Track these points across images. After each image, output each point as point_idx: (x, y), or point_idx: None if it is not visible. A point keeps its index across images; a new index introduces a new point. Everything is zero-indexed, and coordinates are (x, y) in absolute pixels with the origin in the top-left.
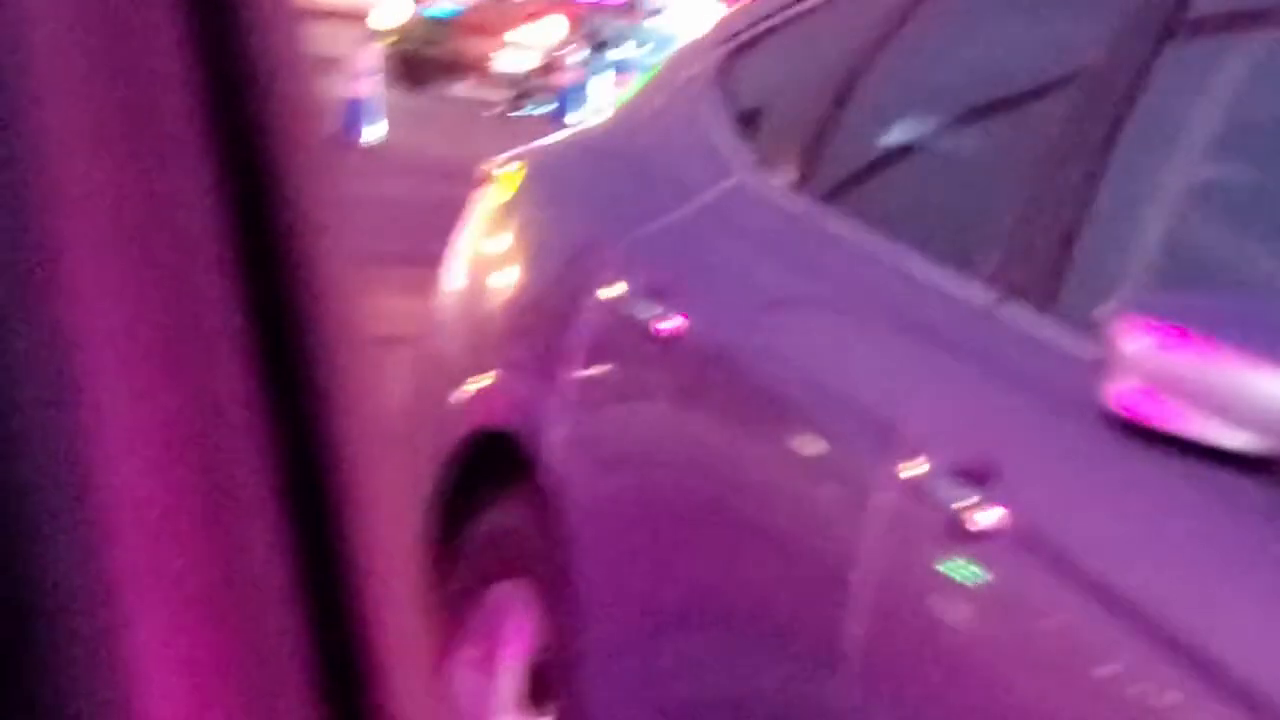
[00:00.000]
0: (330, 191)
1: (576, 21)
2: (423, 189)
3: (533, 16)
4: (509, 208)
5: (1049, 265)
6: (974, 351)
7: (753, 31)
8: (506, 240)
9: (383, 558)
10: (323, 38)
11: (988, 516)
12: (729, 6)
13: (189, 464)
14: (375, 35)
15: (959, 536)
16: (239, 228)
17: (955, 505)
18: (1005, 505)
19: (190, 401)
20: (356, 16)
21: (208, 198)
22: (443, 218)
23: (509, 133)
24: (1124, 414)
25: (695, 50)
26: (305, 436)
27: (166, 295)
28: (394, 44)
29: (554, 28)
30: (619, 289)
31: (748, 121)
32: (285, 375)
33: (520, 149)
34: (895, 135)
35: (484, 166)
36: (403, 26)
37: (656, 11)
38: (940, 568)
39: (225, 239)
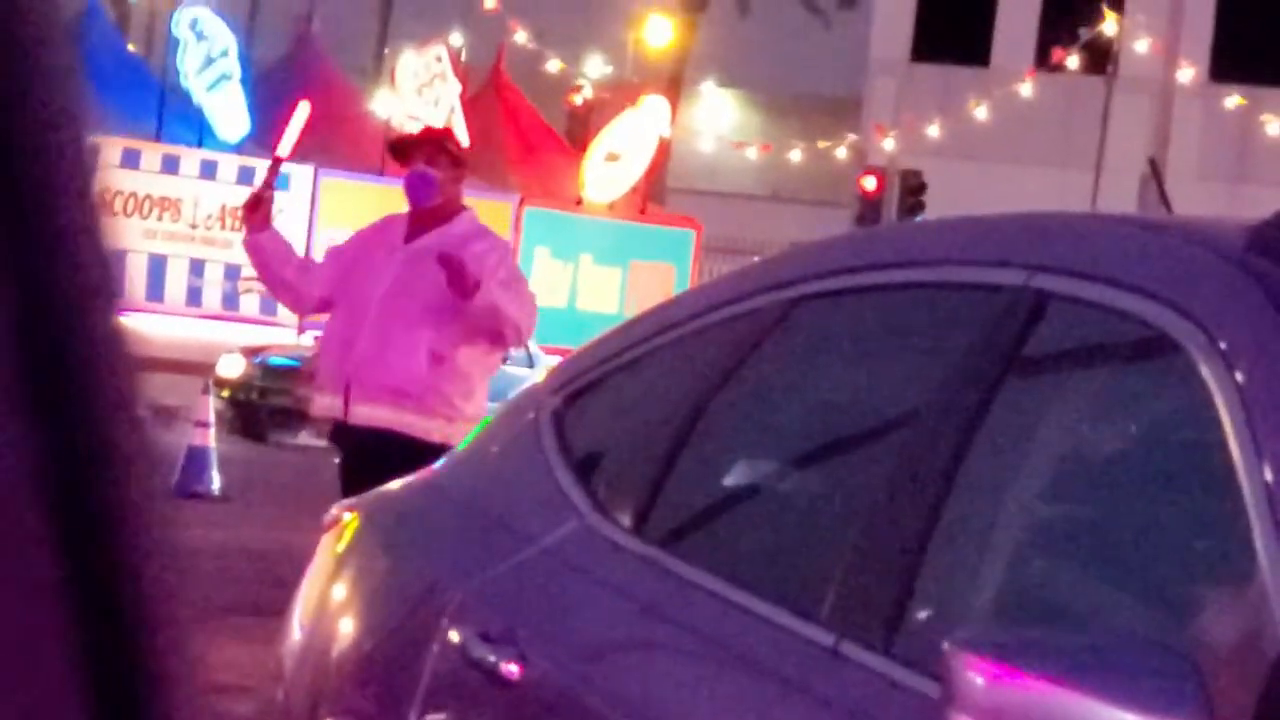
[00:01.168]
0: (160, 541)
1: None
2: (265, 537)
3: None
4: (349, 555)
5: (887, 605)
6: (815, 692)
7: (588, 377)
8: (347, 588)
9: None
10: (161, 387)
11: None
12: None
13: None
14: (215, 385)
15: None
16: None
17: None
18: None
19: None
20: (195, 367)
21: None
22: (285, 566)
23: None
24: None
25: (531, 396)
26: None
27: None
28: (234, 394)
29: None
30: (460, 634)
31: (585, 466)
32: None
33: (359, 497)
34: (731, 478)
35: (327, 514)
36: (243, 376)
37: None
38: None
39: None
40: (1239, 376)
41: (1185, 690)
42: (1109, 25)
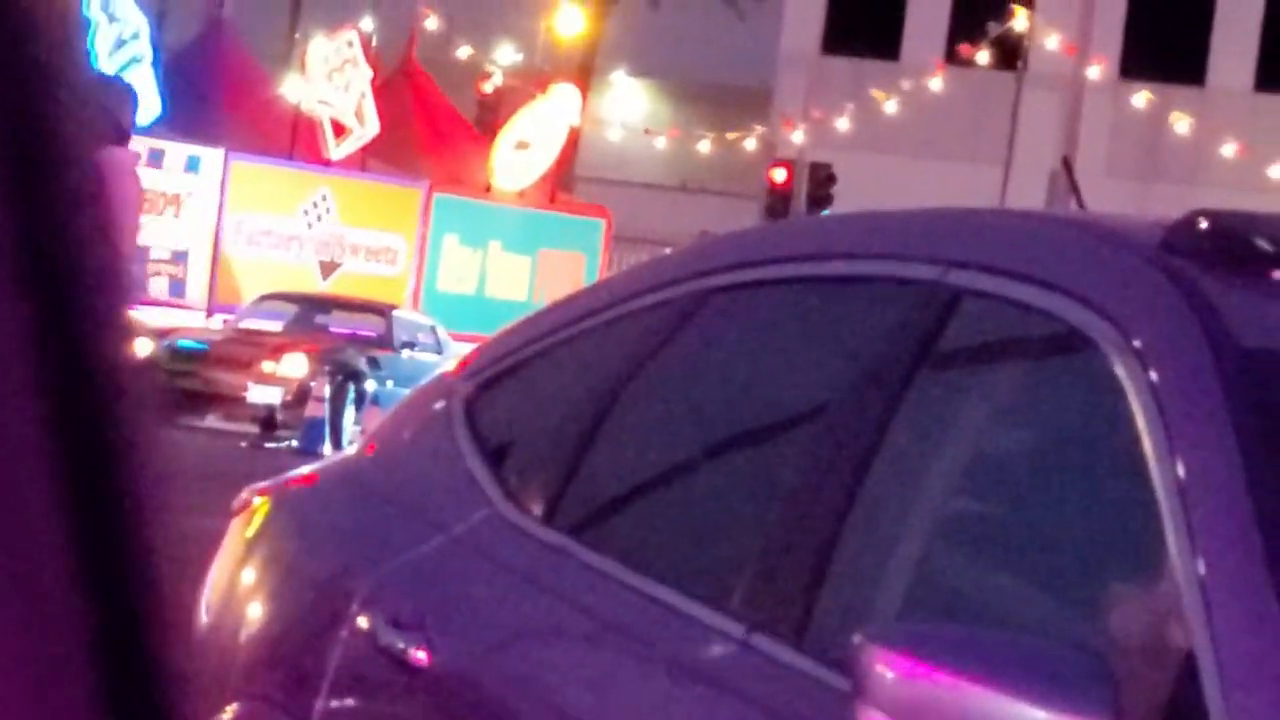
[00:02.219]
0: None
1: (327, 354)
2: (173, 522)
3: (283, 349)
4: (259, 539)
5: (798, 597)
6: (725, 683)
7: (501, 365)
8: (255, 573)
9: None
10: None
11: None
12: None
13: None
14: None
15: None
16: None
17: None
18: None
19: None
20: None
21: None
22: (193, 551)
23: (260, 464)
24: None
25: (443, 383)
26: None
27: None
28: None
29: (304, 360)
30: (369, 620)
31: (497, 454)
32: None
33: (270, 481)
34: (643, 469)
35: (236, 499)
36: (149, 358)
37: (408, 344)
38: None
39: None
40: (1153, 375)
41: (1095, 688)
42: (1019, 20)
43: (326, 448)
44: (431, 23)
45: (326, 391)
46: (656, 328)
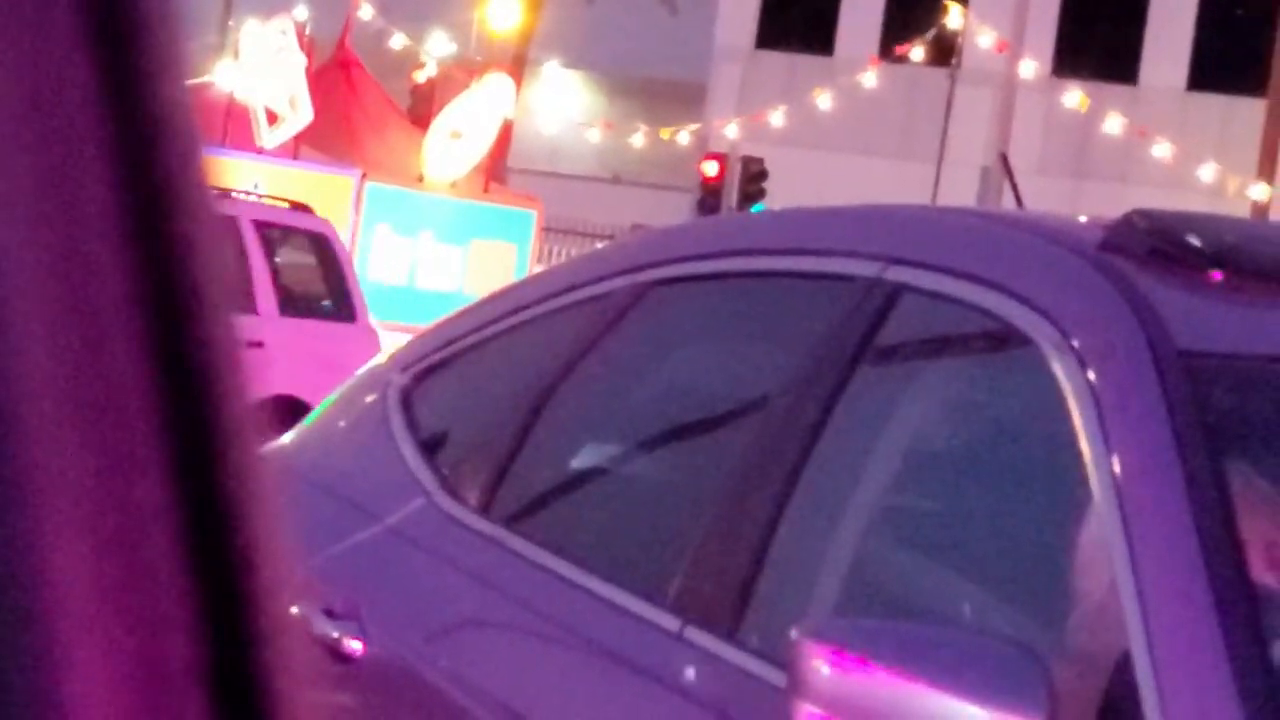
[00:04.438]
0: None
1: None
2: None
3: None
4: None
5: (734, 591)
6: (660, 676)
7: (437, 355)
8: None
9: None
10: None
11: None
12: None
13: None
14: None
15: None
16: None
17: None
18: None
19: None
20: None
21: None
22: None
23: None
24: None
25: (378, 374)
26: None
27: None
28: None
29: None
30: (302, 610)
31: (432, 445)
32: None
33: None
34: (580, 461)
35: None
36: None
37: None
38: None
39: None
40: (1091, 374)
41: (1030, 685)
42: (953, 17)
43: None
44: (365, 12)
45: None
46: (593, 321)
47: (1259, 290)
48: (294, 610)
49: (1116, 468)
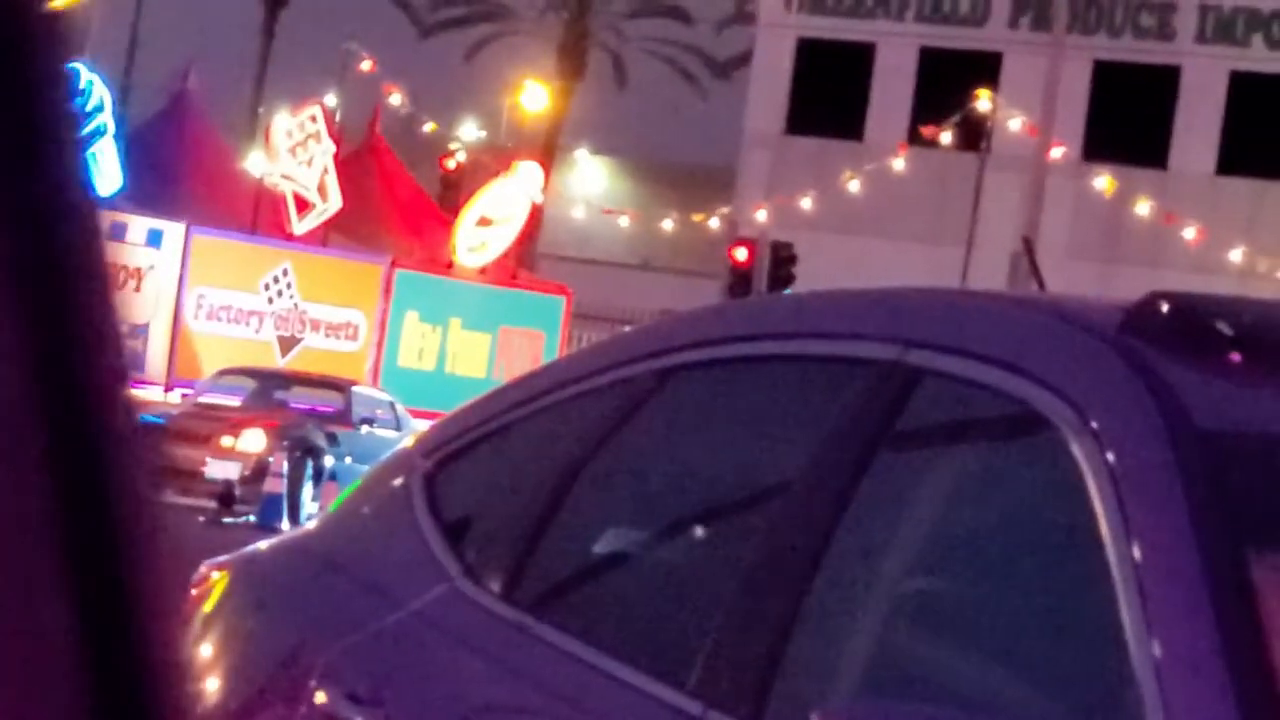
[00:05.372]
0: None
1: (286, 429)
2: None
3: (242, 424)
4: (216, 615)
5: (756, 675)
6: None
7: (459, 441)
8: (214, 647)
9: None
10: None
11: None
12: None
13: None
14: None
15: None
16: None
17: None
18: None
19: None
20: None
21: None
22: None
23: (217, 539)
24: None
25: (402, 459)
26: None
27: None
28: None
29: (263, 436)
30: (327, 695)
31: (456, 530)
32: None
33: (229, 555)
34: (602, 546)
35: (195, 573)
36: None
37: (367, 420)
38: None
39: None
40: (1110, 457)
41: None
42: (983, 102)
43: (284, 523)
44: (395, 98)
45: (285, 467)
46: (616, 405)
47: (1278, 371)
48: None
49: (1136, 551)
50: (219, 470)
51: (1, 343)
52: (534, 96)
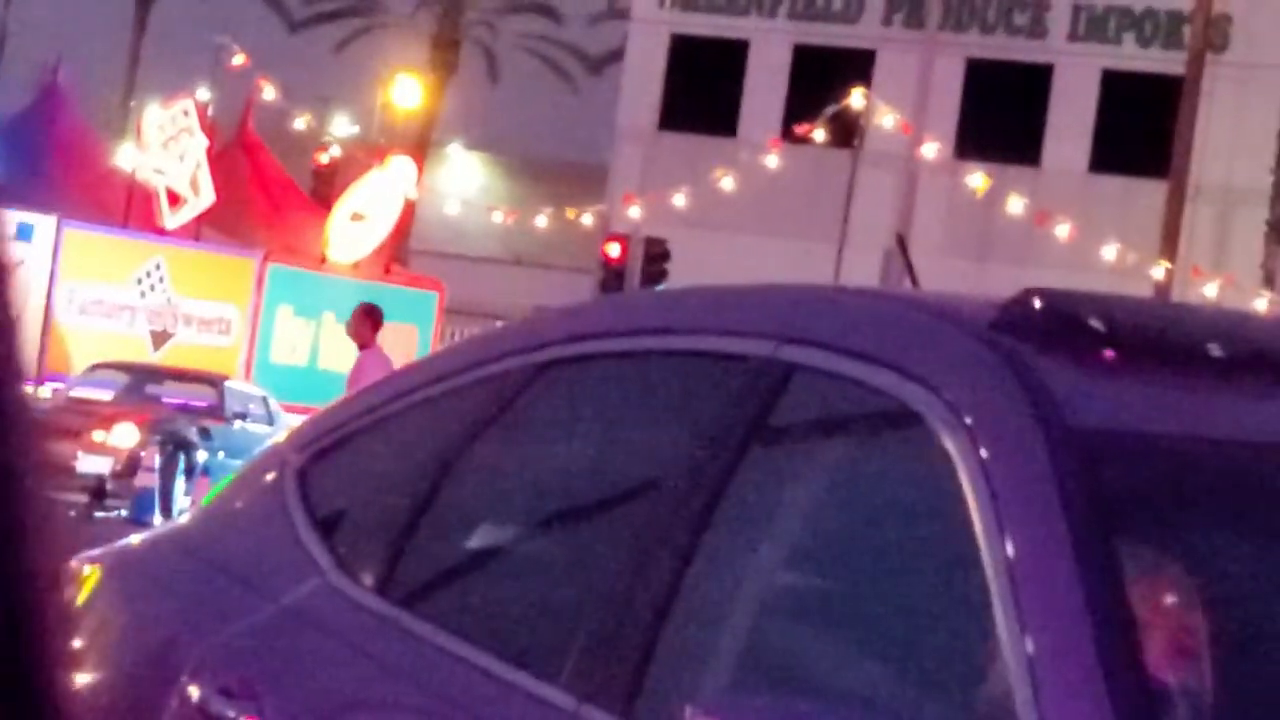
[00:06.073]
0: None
1: (158, 424)
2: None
3: (113, 419)
4: (86, 609)
5: (629, 669)
6: None
7: (332, 436)
8: (85, 641)
9: None
10: None
11: None
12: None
13: None
14: None
15: None
16: None
17: None
18: None
19: None
20: None
21: None
22: None
23: (90, 534)
24: None
25: (275, 454)
26: None
27: None
28: None
29: (135, 430)
30: (199, 690)
31: (329, 525)
32: None
33: (101, 550)
34: (476, 540)
35: (66, 568)
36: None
37: (240, 415)
38: None
39: None
40: (983, 452)
41: None
42: (856, 99)
43: (156, 518)
44: (268, 93)
45: (157, 461)
46: (490, 400)
47: (1149, 369)
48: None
49: (1008, 545)
50: (90, 465)
51: None
52: (406, 92)
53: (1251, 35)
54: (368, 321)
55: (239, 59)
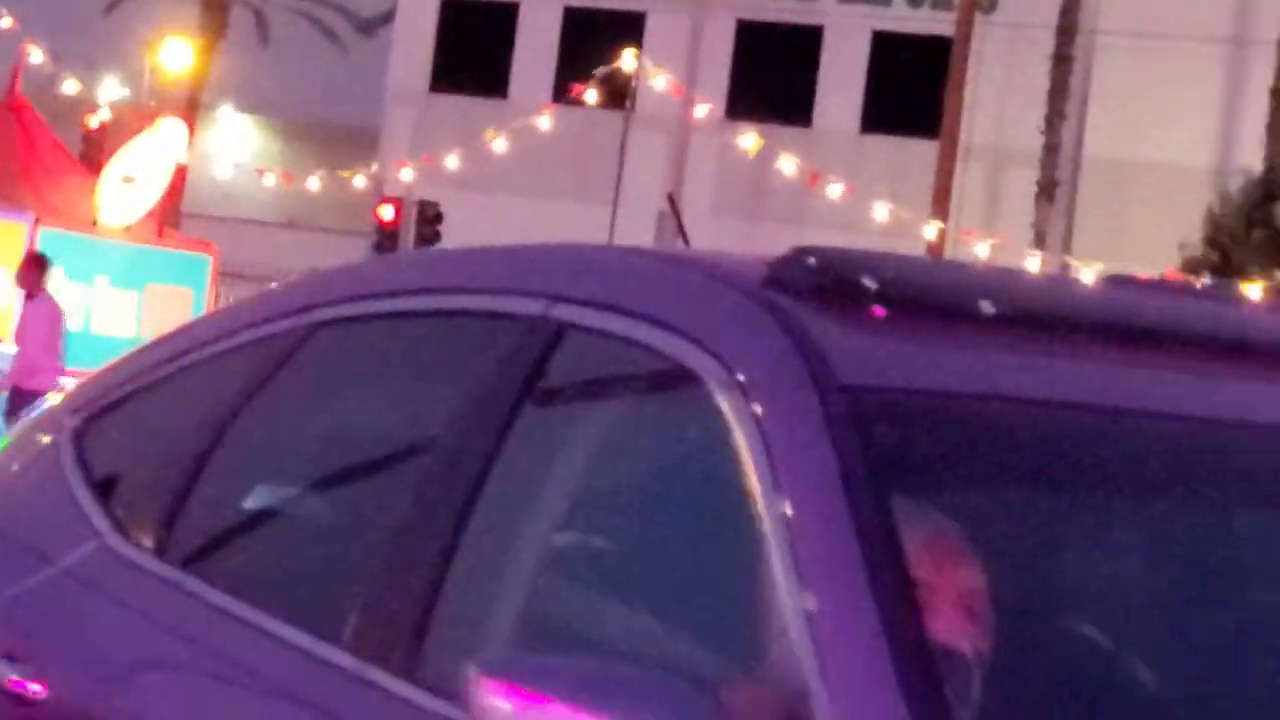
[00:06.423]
0: None
1: None
2: None
3: None
4: None
5: (409, 629)
6: (338, 716)
7: (107, 399)
8: None
9: None
10: None
11: None
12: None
13: None
14: None
15: None
16: None
17: None
18: None
19: None
20: None
21: None
22: None
23: None
24: None
25: (50, 417)
26: None
27: None
28: None
29: None
30: None
31: (105, 487)
32: None
33: None
34: (253, 501)
35: None
36: None
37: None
38: None
39: None
40: (757, 409)
41: (700, 716)
42: (627, 61)
43: None
44: (36, 56)
45: None
46: (264, 360)
47: (922, 326)
48: None
49: (785, 503)
50: None
51: None
52: (175, 54)
53: None
54: (35, 270)
55: (6, 22)
